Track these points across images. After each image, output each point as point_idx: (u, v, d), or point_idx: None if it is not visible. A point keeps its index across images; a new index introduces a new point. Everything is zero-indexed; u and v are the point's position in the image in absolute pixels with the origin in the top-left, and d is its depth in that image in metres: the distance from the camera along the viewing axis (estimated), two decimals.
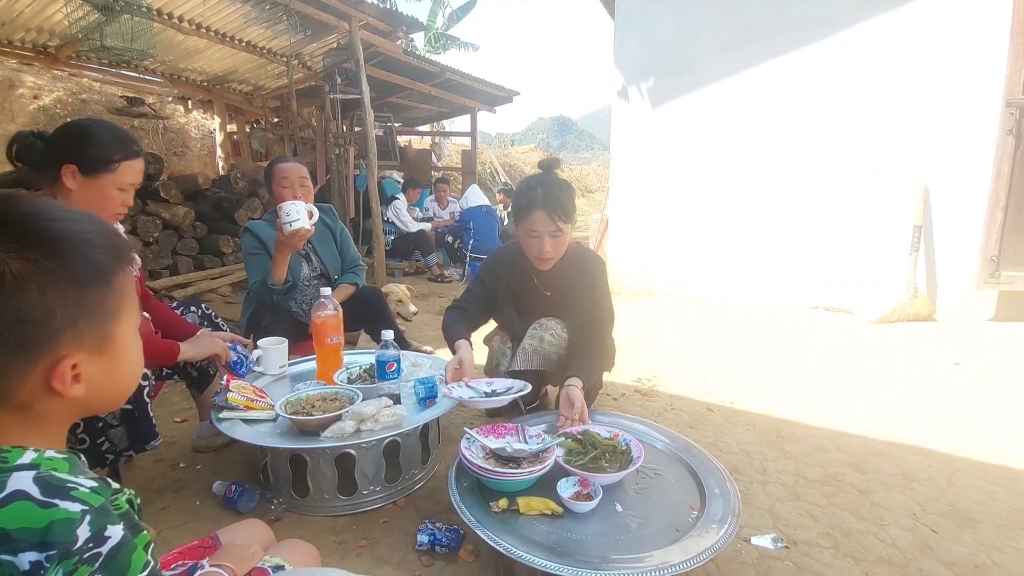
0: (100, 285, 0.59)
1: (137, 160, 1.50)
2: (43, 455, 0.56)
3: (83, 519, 0.51)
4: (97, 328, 0.60)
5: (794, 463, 1.91)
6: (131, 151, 1.48)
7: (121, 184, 1.47)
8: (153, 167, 4.73)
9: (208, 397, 1.82)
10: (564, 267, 1.87)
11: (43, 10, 4.28)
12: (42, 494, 0.52)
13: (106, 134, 1.46)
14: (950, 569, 1.38)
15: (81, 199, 1.42)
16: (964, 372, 2.82)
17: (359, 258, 2.59)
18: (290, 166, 2.33)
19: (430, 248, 6.18)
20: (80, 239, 0.58)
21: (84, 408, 0.64)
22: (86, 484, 0.55)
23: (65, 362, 0.57)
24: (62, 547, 0.50)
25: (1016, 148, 3.49)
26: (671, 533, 1.18)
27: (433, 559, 1.38)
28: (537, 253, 1.78)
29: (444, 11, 15.32)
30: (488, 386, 1.63)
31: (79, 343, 0.58)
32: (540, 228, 1.74)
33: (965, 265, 3.72)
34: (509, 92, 8.65)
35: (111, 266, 0.61)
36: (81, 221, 0.60)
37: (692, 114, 4.82)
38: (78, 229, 0.59)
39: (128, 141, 1.50)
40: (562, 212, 1.72)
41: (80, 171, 1.41)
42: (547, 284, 1.95)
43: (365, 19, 4.95)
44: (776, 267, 4.48)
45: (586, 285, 1.86)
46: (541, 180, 1.79)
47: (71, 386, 0.58)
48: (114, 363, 0.63)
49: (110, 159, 1.44)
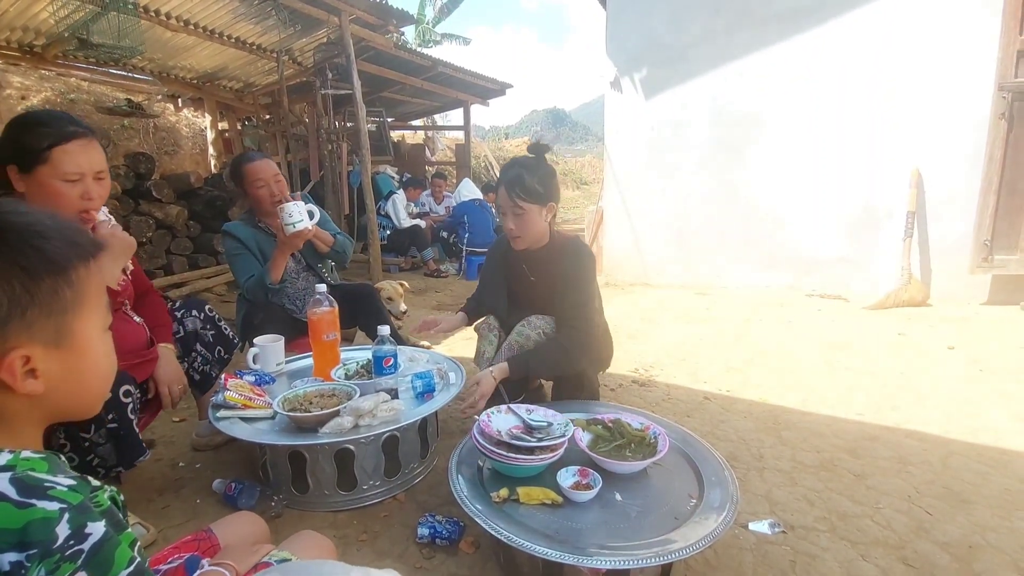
0: (54, 276, 0.59)
1: (73, 142, 1.26)
2: (19, 456, 0.56)
3: (61, 517, 0.51)
4: (52, 321, 0.59)
5: (790, 449, 1.93)
6: (63, 134, 1.25)
7: (61, 175, 1.26)
8: (145, 166, 4.69)
9: (208, 396, 1.82)
10: (549, 253, 1.89)
11: (28, 8, 4.22)
12: (19, 494, 0.51)
13: (35, 121, 1.26)
14: (945, 550, 1.39)
15: (34, 200, 1.26)
16: (958, 356, 2.84)
17: (340, 231, 2.48)
18: (260, 165, 2.24)
19: (426, 243, 6.16)
20: (29, 230, 0.58)
21: (52, 410, 0.63)
22: (64, 483, 0.55)
23: (14, 354, 0.56)
24: (42, 546, 0.50)
25: (1009, 132, 3.50)
26: (670, 521, 1.19)
27: (434, 551, 1.39)
28: (506, 231, 1.86)
29: (434, 4, 15.19)
30: (528, 413, 1.50)
31: (30, 335, 0.57)
32: (503, 204, 1.81)
33: (958, 250, 3.75)
34: (502, 85, 8.60)
35: (67, 259, 0.60)
36: (33, 214, 0.60)
37: (686, 103, 4.81)
38: (27, 221, 0.58)
39: (61, 123, 1.27)
40: (522, 191, 1.75)
41: (19, 169, 1.25)
42: (532, 269, 1.96)
43: (355, 13, 4.90)
44: (771, 255, 4.50)
45: (565, 272, 1.83)
46: (517, 161, 1.84)
47: (23, 380, 0.57)
48: (77, 360, 0.62)
49: (38, 148, 1.23)
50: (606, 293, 4.79)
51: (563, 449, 1.37)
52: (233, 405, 1.59)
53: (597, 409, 1.69)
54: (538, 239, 1.87)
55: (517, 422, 1.47)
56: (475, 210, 6.16)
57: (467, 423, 2.03)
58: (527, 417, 1.48)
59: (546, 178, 1.80)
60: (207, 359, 1.84)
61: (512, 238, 1.85)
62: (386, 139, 7.25)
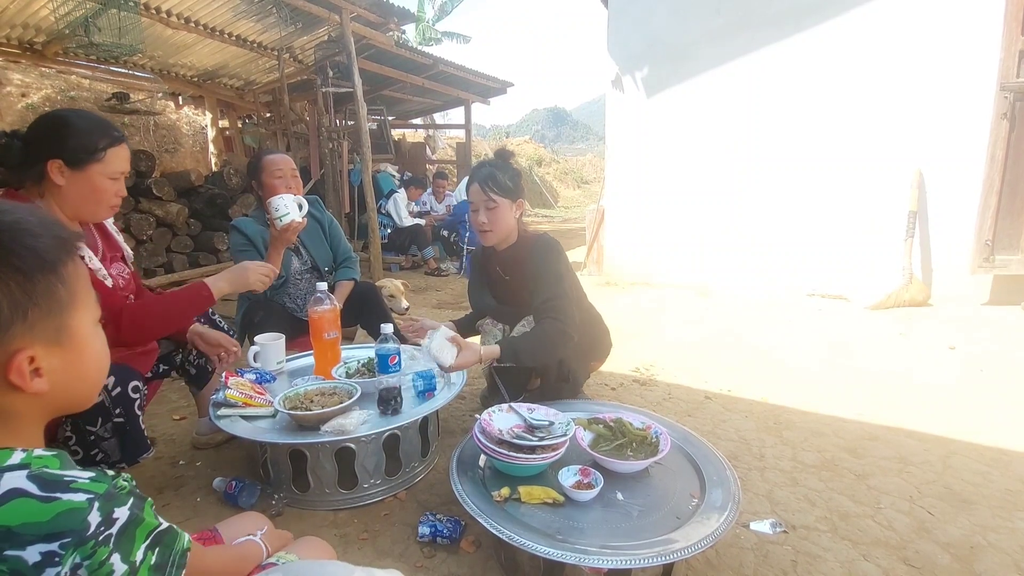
0: (48, 275, 0.59)
1: (122, 146, 1.43)
2: (32, 454, 0.57)
3: (91, 506, 0.54)
4: (52, 320, 0.60)
5: (792, 449, 1.93)
6: (114, 137, 1.41)
7: (111, 173, 1.40)
8: (145, 164, 4.69)
9: (207, 393, 1.81)
10: (518, 252, 1.94)
11: (28, 6, 4.21)
12: (41, 490, 0.53)
13: (86, 123, 1.38)
14: (946, 550, 1.39)
15: (73, 194, 1.37)
16: (959, 356, 2.84)
17: (351, 250, 2.57)
18: (281, 157, 2.29)
19: (426, 242, 6.16)
20: (19, 229, 0.58)
21: (54, 405, 0.64)
22: (84, 475, 0.57)
23: (20, 355, 0.57)
24: (75, 535, 0.52)
25: (1010, 132, 3.49)
26: (672, 520, 1.19)
27: (435, 550, 1.39)
28: (476, 225, 1.92)
29: (435, 2, 15.17)
30: (529, 412, 1.51)
31: (32, 335, 0.58)
32: (475, 199, 1.88)
33: (960, 250, 3.74)
34: (503, 83, 8.59)
35: (57, 256, 0.60)
36: (18, 212, 0.60)
37: (687, 102, 4.80)
38: (15, 219, 0.58)
39: (109, 127, 1.43)
40: (495, 184, 1.84)
41: (67, 165, 1.34)
42: (505, 269, 2.01)
43: (356, 10, 4.90)
44: (772, 255, 4.49)
45: (535, 269, 1.87)
46: (487, 162, 1.94)
47: (31, 380, 0.58)
48: (76, 355, 0.63)
49: (95, 148, 1.37)
50: (607, 292, 4.82)
51: (564, 448, 1.37)
52: (234, 403, 1.59)
53: (599, 408, 1.69)
54: (507, 234, 1.93)
55: (518, 421, 1.47)
56: None
57: (468, 422, 2.03)
58: (528, 416, 1.48)
59: (515, 177, 1.91)
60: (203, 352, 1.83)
61: (482, 232, 1.91)
62: (387, 137, 7.24)
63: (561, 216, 14.22)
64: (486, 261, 2.10)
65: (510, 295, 2.01)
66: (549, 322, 1.76)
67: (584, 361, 2.03)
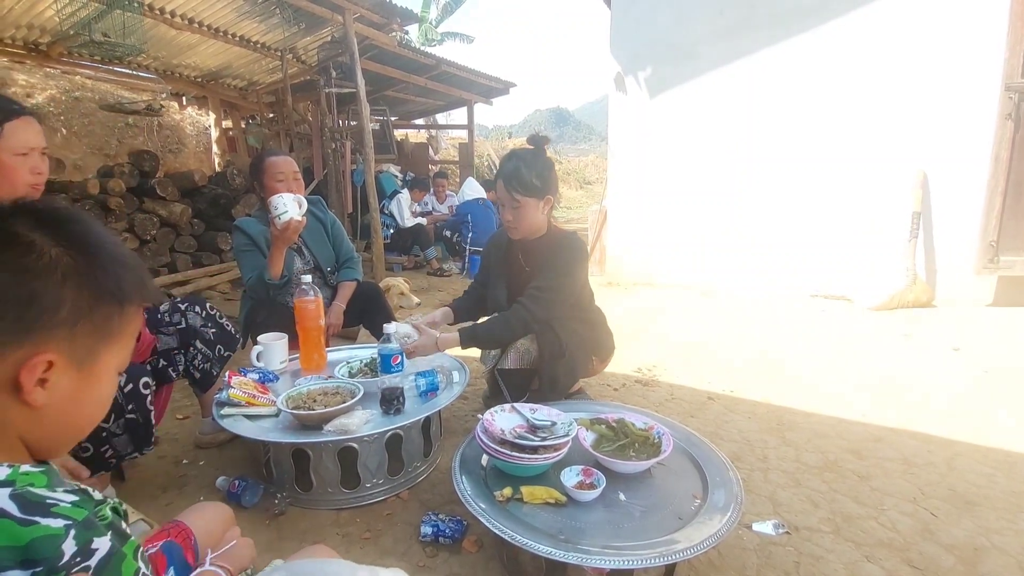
0: (114, 304, 0.62)
1: (23, 119, 1.36)
2: (18, 470, 0.54)
3: (67, 534, 0.51)
4: (90, 341, 0.61)
5: (794, 450, 1.92)
6: (11, 111, 1.35)
7: (15, 148, 1.34)
8: (149, 164, 4.70)
9: (211, 394, 1.82)
10: (544, 244, 1.95)
11: (33, 6, 4.23)
12: (21, 511, 0.51)
13: None
14: (950, 552, 1.39)
15: None
16: (963, 357, 2.83)
17: (353, 250, 2.56)
18: (283, 159, 2.29)
19: (429, 242, 6.17)
20: (116, 256, 0.63)
21: (32, 427, 0.60)
22: (67, 499, 0.54)
23: (42, 356, 0.56)
24: (47, 563, 0.49)
25: (1015, 132, 3.48)
26: (674, 521, 1.19)
27: (437, 550, 1.39)
28: (503, 222, 1.95)
29: (438, 3, 15.18)
30: (532, 412, 1.50)
31: (68, 345, 0.58)
32: (501, 196, 1.89)
33: (964, 251, 3.72)
34: (506, 83, 8.59)
35: (131, 294, 0.64)
36: (123, 246, 0.66)
37: (691, 102, 4.79)
38: (119, 250, 0.64)
39: (5, 101, 1.38)
40: (519, 185, 1.82)
41: None
42: (527, 259, 2.02)
43: (359, 11, 4.91)
44: (775, 255, 4.48)
45: (551, 256, 1.89)
46: (516, 154, 1.89)
47: (34, 387, 0.57)
48: (84, 386, 0.62)
49: None
50: (609, 292, 4.82)
51: (567, 448, 1.37)
52: (237, 403, 1.59)
53: (601, 409, 1.69)
54: (534, 231, 1.93)
55: (521, 421, 1.47)
56: (478, 209, 6.16)
57: (470, 422, 2.03)
58: (531, 416, 1.48)
59: (544, 171, 1.85)
60: (207, 357, 1.84)
61: (509, 228, 1.93)
62: (390, 138, 7.26)
63: (564, 217, 14.20)
64: (509, 249, 2.09)
65: (526, 285, 1.98)
66: (518, 308, 1.82)
67: (580, 363, 2.00)
